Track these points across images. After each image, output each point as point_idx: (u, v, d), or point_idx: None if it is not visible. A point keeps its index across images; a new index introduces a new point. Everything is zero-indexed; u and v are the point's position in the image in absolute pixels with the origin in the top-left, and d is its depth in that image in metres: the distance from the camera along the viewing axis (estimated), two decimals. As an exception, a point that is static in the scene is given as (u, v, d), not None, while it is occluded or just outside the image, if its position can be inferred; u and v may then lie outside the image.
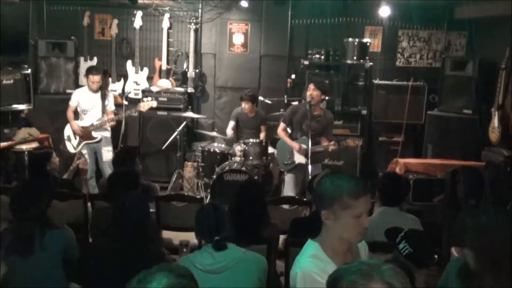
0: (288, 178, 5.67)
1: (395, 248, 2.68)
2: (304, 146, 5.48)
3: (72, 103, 6.15)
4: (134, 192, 3.31)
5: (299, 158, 5.52)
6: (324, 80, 6.48)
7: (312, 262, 1.99)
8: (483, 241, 2.21)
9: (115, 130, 6.37)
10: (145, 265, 1.52)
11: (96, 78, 6.02)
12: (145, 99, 6.25)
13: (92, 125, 6.07)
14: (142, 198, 3.05)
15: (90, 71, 6.12)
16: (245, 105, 6.43)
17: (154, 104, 6.16)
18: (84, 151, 6.18)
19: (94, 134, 6.09)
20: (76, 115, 6.22)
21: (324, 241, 2.07)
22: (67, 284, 3.15)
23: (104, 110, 6.11)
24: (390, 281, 1.33)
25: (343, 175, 2.04)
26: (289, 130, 5.77)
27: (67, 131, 6.22)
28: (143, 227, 2.86)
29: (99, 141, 6.09)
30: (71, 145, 6.22)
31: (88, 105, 6.11)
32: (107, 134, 6.20)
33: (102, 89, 6.16)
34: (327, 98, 6.61)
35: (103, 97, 6.11)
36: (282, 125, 5.71)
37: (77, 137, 6.15)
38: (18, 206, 3.06)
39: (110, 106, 6.22)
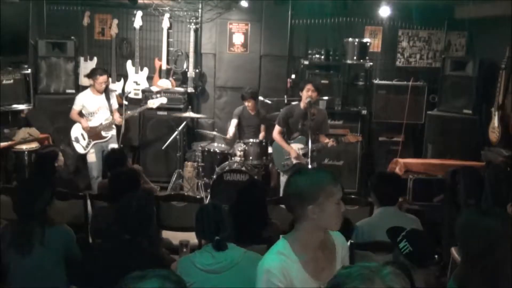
0: (285, 179, 5.65)
1: (396, 247, 2.69)
2: (300, 145, 5.49)
3: (76, 106, 6.16)
4: (140, 193, 3.31)
5: (296, 160, 5.53)
6: (320, 79, 6.51)
7: (277, 259, 2.03)
8: (467, 240, 2.22)
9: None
10: (143, 266, 1.52)
11: (103, 78, 6.10)
12: (154, 96, 6.31)
13: (101, 124, 6.13)
14: (148, 199, 3.05)
15: (96, 72, 6.17)
16: (248, 103, 6.44)
17: (164, 100, 6.26)
18: (92, 151, 6.19)
19: (103, 133, 6.15)
20: (82, 116, 6.26)
21: (295, 238, 2.10)
22: (68, 282, 3.16)
23: (111, 110, 6.20)
24: (391, 284, 1.33)
25: (312, 169, 2.08)
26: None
27: (75, 132, 6.21)
28: (145, 227, 2.86)
29: (109, 139, 6.15)
30: (80, 146, 6.23)
31: (94, 108, 6.16)
32: (113, 132, 6.29)
33: (107, 89, 6.22)
34: (326, 98, 6.66)
35: (108, 97, 6.17)
36: (277, 128, 5.70)
37: (86, 138, 6.18)
38: (20, 204, 3.06)
39: (114, 104, 6.30)
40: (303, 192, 2.04)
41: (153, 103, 6.27)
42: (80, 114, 6.20)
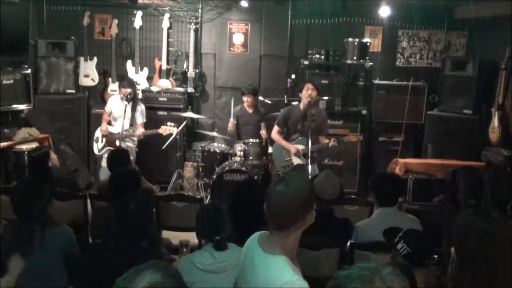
0: None
1: (393, 248, 2.69)
2: (300, 146, 5.49)
3: (107, 108, 6.33)
4: (139, 195, 3.31)
5: (296, 159, 5.53)
6: (320, 79, 6.51)
7: (299, 278, 1.91)
8: (462, 241, 2.23)
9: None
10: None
11: (125, 91, 6.09)
12: (168, 123, 6.23)
13: (119, 133, 6.11)
14: (147, 200, 3.05)
15: (121, 82, 6.25)
16: (247, 99, 6.38)
17: (175, 131, 6.11)
18: (106, 155, 6.16)
19: (118, 143, 6.12)
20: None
21: (287, 253, 2.00)
22: (67, 283, 3.16)
23: (133, 122, 6.18)
24: (391, 285, 1.33)
25: (292, 175, 2.04)
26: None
27: (97, 132, 6.36)
28: (145, 227, 2.87)
29: None
30: (97, 147, 6.35)
31: (118, 113, 6.21)
32: (132, 144, 6.26)
33: (134, 101, 6.21)
34: (326, 98, 6.67)
35: (134, 108, 6.17)
36: (276, 128, 5.70)
37: (104, 141, 6.22)
38: (19, 205, 3.06)
39: (141, 118, 6.28)
40: (308, 200, 2.00)
41: (164, 130, 6.07)
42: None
